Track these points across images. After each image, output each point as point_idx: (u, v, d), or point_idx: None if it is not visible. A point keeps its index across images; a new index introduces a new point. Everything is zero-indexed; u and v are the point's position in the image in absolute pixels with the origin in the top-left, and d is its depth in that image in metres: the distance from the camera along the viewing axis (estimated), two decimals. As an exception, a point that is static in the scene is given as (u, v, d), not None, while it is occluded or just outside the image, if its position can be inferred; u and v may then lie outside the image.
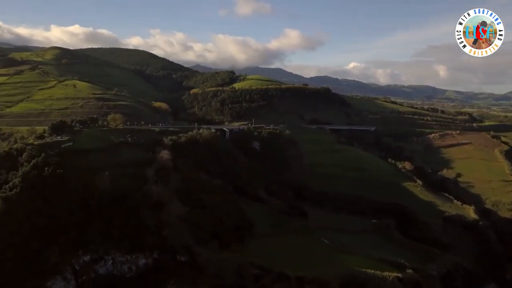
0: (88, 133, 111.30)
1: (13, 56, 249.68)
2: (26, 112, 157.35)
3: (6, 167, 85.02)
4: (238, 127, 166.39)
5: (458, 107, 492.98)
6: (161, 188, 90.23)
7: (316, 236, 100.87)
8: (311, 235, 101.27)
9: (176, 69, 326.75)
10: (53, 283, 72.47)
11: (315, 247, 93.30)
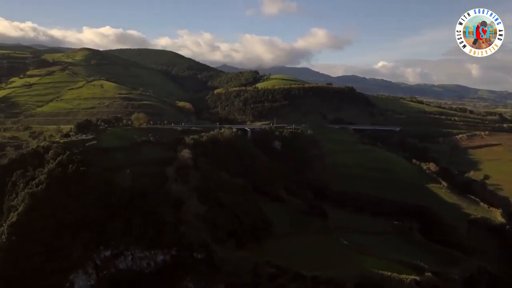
0: (112, 132, 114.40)
1: (46, 58, 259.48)
2: (55, 112, 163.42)
3: (33, 164, 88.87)
4: (260, 126, 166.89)
5: (490, 107, 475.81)
6: (180, 187, 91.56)
7: (335, 237, 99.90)
8: (330, 236, 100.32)
9: (201, 69, 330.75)
10: (75, 276, 75.26)
11: (333, 247, 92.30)
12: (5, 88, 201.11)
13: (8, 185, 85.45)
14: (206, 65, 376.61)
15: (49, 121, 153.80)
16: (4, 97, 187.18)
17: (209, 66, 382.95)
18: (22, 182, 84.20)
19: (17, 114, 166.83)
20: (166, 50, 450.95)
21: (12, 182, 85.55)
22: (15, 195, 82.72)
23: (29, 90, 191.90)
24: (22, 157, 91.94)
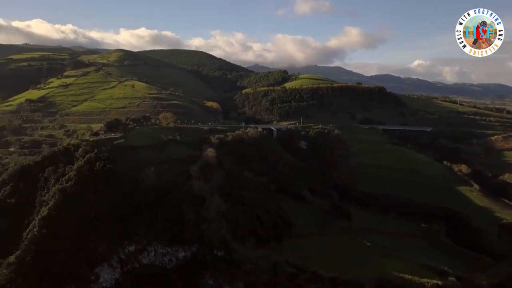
0: (140, 130, 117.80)
1: (82, 59, 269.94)
2: (89, 111, 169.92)
3: (64, 161, 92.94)
4: (286, 126, 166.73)
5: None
6: (203, 185, 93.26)
7: (358, 238, 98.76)
8: (352, 237, 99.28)
9: (231, 69, 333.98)
10: (101, 270, 78.03)
11: (355, 249, 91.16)
12: (44, 88, 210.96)
13: (41, 181, 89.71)
14: (236, 65, 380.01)
15: (83, 120, 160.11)
16: (43, 97, 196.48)
17: (239, 66, 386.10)
18: (53, 178, 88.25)
19: (53, 113, 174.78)
20: (197, 51, 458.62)
21: (44, 178, 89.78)
22: (46, 190, 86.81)
23: (65, 90, 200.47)
24: (53, 154, 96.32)
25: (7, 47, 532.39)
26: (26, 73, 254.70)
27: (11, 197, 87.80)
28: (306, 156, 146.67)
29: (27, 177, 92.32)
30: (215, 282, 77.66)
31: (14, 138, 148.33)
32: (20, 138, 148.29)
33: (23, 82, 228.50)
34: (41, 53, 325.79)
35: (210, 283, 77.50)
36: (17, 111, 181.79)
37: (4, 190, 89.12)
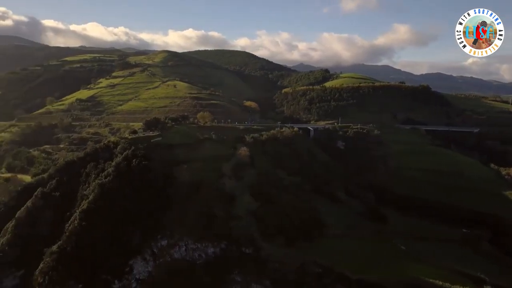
0: (177, 129, 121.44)
1: (129, 60, 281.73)
2: (133, 110, 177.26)
3: (104, 157, 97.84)
4: (324, 126, 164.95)
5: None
6: (234, 182, 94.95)
7: (392, 241, 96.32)
8: (386, 240, 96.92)
9: (273, 69, 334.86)
10: (134, 262, 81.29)
11: (387, 252, 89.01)
12: (93, 88, 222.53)
13: (83, 176, 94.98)
14: (278, 65, 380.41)
15: (127, 119, 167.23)
16: (92, 97, 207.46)
17: (281, 65, 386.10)
18: (94, 173, 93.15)
19: (100, 112, 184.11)
20: (241, 51, 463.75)
21: (86, 173, 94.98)
22: (87, 184, 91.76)
23: (112, 90, 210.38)
24: (95, 151, 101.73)
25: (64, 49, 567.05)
26: (78, 74, 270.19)
27: (56, 190, 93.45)
28: (343, 156, 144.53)
29: (71, 172, 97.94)
30: (242, 279, 78.72)
31: (64, 135, 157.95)
32: (69, 135, 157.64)
33: (75, 83, 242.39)
34: (92, 55, 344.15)
35: (238, 280, 78.64)
36: (68, 110, 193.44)
37: (50, 184, 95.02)
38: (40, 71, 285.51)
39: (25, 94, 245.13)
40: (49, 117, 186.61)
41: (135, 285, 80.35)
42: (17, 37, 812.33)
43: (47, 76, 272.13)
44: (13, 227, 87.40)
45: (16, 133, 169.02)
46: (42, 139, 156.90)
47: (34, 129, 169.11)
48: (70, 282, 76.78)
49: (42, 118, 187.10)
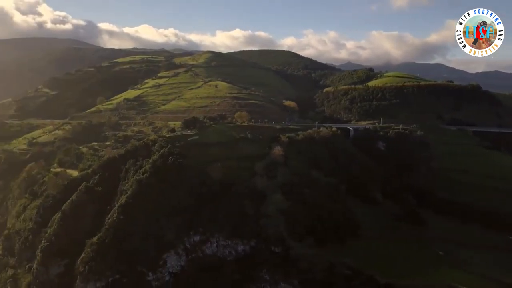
0: (214, 128, 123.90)
1: (175, 61, 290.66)
2: (175, 109, 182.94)
3: (143, 155, 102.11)
4: (364, 126, 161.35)
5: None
6: (266, 182, 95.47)
7: (429, 246, 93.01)
8: (424, 245, 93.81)
9: (316, 68, 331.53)
10: (168, 256, 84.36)
11: (423, 257, 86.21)
12: (140, 88, 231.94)
13: (123, 172, 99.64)
14: (322, 64, 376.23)
15: (170, 118, 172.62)
16: (138, 96, 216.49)
17: (325, 65, 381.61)
18: (133, 170, 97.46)
19: (145, 111, 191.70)
20: (284, 50, 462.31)
21: (125, 169, 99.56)
22: (126, 180, 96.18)
23: (157, 90, 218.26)
24: (135, 149, 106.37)
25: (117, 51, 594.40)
26: (127, 74, 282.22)
27: (98, 185, 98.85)
28: (383, 157, 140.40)
29: (112, 168, 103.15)
30: (270, 277, 79.49)
31: (111, 133, 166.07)
32: (115, 133, 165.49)
33: (124, 83, 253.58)
34: (141, 56, 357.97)
35: (266, 278, 79.50)
36: (116, 109, 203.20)
37: (94, 179, 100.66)
38: (93, 72, 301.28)
39: (79, 94, 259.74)
40: (99, 116, 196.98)
41: (168, 278, 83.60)
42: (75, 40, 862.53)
43: (99, 77, 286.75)
44: (59, 219, 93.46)
45: (68, 130, 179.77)
46: (91, 137, 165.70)
47: (85, 127, 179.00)
48: (108, 272, 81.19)
49: (92, 116, 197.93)
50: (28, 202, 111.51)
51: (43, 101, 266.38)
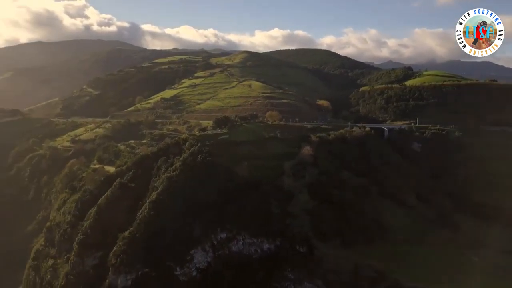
0: (245, 128, 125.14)
1: (211, 61, 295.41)
2: (209, 109, 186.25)
3: (174, 152, 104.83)
4: (399, 126, 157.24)
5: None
6: (293, 181, 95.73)
7: (462, 252, 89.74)
8: (456, 250, 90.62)
9: (354, 67, 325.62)
10: (195, 252, 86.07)
11: (455, 263, 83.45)
12: (177, 88, 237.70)
13: (155, 169, 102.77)
14: (360, 62, 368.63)
15: (204, 117, 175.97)
16: (175, 96, 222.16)
17: (363, 63, 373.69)
18: (164, 167, 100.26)
19: (181, 111, 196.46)
20: (321, 49, 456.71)
21: (157, 166, 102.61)
22: (158, 177, 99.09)
23: (193, 90, 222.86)
24: (167, 146, 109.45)
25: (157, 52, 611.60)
26: (166, 74, 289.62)
27: (132, 181, 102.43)
28: (419, 159, 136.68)
29: (145, 165, 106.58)
30: (295, 276, 79.66)
31: (147, 132, 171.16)
32: (152, 131, 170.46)
33: (163, 83, 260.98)
34: (180, 57, 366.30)
35: (290, 277, 79.73)
36: (153, 108, 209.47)
37: (128, 175, 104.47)
38: (134, 72, 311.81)
39: (120, 94, 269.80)
40: (137, 115, 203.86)
41: (195, 273, 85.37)
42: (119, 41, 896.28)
43: (139, 77, 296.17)
44: (95, 213, 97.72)
45: (108, 128, 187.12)
46: (129, 135, 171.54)
47: (123, 125, 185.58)
48: (138, 265, 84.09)
49: (131, 115, 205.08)
50: (67, 196, 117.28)
51: (86, 100, 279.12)
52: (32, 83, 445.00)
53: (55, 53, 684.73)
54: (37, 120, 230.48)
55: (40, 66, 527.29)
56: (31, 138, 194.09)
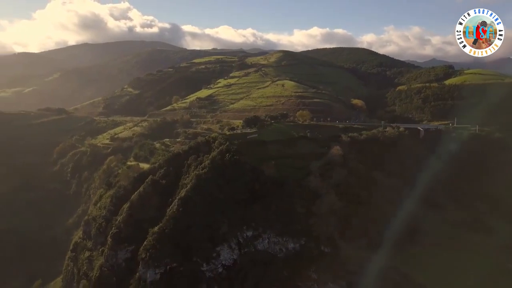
0: (275, 127, 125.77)
1: (247, 61, 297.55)
2: (242, 108, 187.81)
3: (204, 151, 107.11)
4: (436, 126, 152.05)
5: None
6: (320, 181, 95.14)
7: (495, 258, 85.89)
8: (489, 255, 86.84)
9: (392, 65, 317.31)
10: (221, 249, 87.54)
11: (487, 269, 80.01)
12: (212, 88, 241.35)
13: (185, 167, 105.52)
14: (399, 61, 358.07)
15: (237, 116, 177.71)
16: (210, 96, 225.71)
17: (403, 62, 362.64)
18: (194, 165, 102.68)
19: (215, 110, 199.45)
20: (359, 48, 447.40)
21: (187, 164, 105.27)
22: (187, 175, 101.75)
23: (228, 90, 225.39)
24: (197, 145, 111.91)
25: (196, 52, 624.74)
26: (202, 74, 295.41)
27: (163, 178, 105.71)
28: (455, 160, 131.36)
29: (176, 162, 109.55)
30: (319, 276, 79.38)
31: (182, 130, 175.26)
32: (186, 130, 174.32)
33: (199, 82, 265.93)
34: (216, 57, 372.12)
35: (314, 277, 79.54)
36: (189, 108, 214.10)
37: (159, 172, 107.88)
38: (172, 73, 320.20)
39: (157, 93, 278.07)
40: (173, 114, 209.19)
41: (221, 270, 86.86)
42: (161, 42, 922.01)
43: (177, 77, 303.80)
44: (127, 208, 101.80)
45: (145, 127, 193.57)
46: (165, 133, 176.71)
47: (160, 124, 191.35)
48: (166, 260, 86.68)
49: (167, 114, 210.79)
50: (104, 191, 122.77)
51: (126, 99, 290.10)
52: (78, 83, 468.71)
53: (100, 54, 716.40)
54: (81, 119, 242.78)
55: (86, 66, 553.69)
56: (74, 135, 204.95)
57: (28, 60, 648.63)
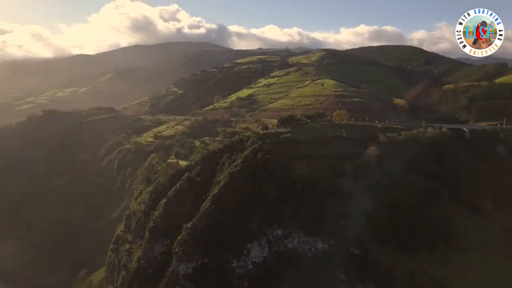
0: (310, 126, 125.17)
1: (288, 60, 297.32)
2: (281, 107, 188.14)
3: (238, 149, 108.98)
4: (483, 127, 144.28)
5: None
6: (353, 182, 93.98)
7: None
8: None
9: (440, 63, 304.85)
10: (251, 246, 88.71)
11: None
12: (253, 87, 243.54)
13: (219, 165, 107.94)
14: (449, 58, 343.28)
15: (275, 115, 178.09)
16: (250, 95, 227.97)
17: (453, 60, 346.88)
18: (227, 163, 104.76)
19: (254, 109, 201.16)
20: (406, 45, 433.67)
21: (221, 162, 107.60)
22: (221, 172, 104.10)
23: (267, 89, 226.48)
24: (231, 144, 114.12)
25: (242, 52, 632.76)
26: (244, 74, 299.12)
27: (198, 175, 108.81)
28: (502, 163, 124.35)
29: (211, 160, 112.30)
30: (347, 278, 78.60)
31: (221, 129, 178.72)
32: (225, 129, 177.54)
33: (241, 82, 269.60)
34: (259, 57, 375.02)
35: (343, 278, 78.82)
36: (229, 107, 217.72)
37: (195, 170, 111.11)
38: (215, 73, 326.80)
39: (200, 93, 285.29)
40: (214, 113, 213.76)
41: (251, 267, 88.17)
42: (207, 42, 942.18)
43: (220, 77, 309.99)
44: (164, 204, 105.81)
45: (187, 126, 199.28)
46: (205, 132, 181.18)
47: (201, 123, 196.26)
48: (198, 255, 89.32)
49: (208, 113, 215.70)
50: (144, 187, 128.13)
51: (171, 99, 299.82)
52: (128, 83, 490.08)
53: (150, 55, 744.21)
54: (128, 117, 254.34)
55: (136, 67, 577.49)
56: (121, 133, 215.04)
57: (84, 61, 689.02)
